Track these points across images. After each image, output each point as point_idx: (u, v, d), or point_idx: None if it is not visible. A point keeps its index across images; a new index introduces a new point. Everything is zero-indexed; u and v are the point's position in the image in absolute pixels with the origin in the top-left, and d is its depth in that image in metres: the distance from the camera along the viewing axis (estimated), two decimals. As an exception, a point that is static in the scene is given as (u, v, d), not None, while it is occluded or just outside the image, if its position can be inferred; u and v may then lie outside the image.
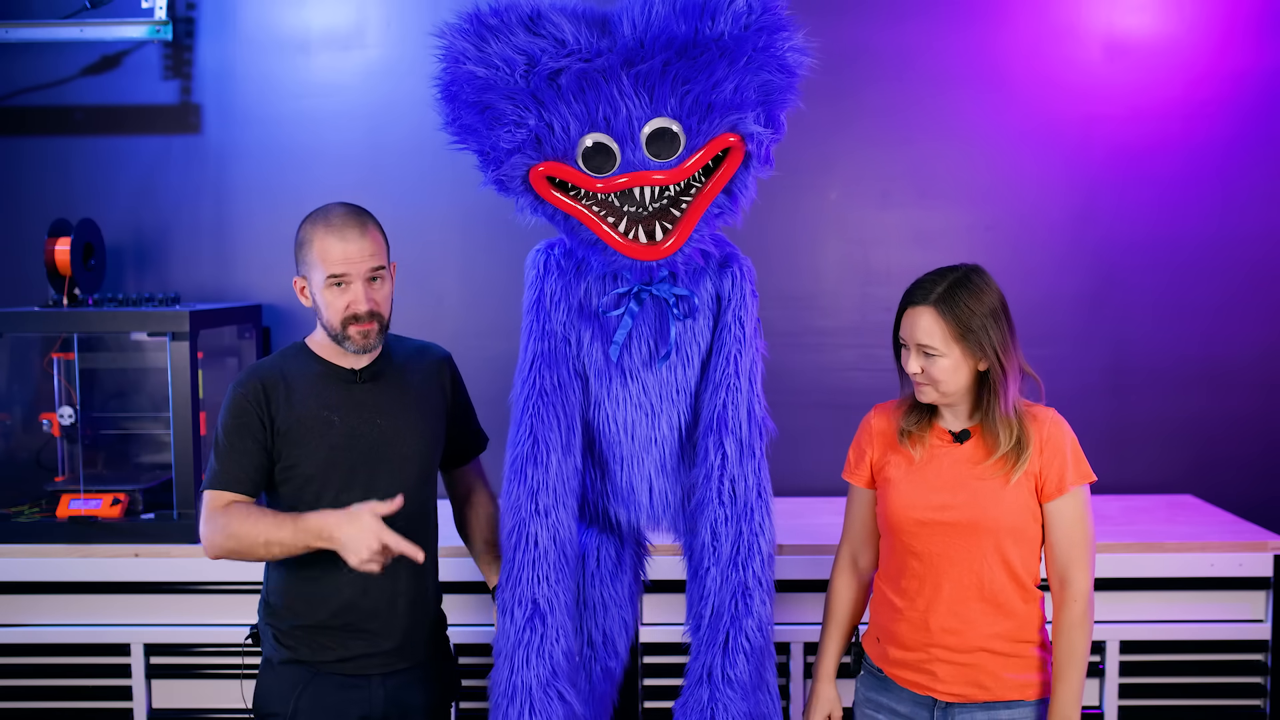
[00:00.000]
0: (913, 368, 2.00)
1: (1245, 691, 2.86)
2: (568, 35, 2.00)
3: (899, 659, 2.06)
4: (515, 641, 2.20)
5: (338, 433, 2.09)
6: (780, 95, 2.09)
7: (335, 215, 2.08)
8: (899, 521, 2.03)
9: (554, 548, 2.19)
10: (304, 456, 2.08)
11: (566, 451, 2.20)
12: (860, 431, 2.19)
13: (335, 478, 2.09)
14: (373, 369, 2.15)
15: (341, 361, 2.13)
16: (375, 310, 2.08)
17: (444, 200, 3.37)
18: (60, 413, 3.06)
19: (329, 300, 2.06)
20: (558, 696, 2.19)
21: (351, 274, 2.05)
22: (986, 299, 1.96)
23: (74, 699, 2.89)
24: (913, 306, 1.99)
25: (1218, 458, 3.41)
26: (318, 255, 2.05)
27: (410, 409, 2.16)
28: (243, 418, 2.07)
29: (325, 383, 2.12)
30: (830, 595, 2.23)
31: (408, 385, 2.18)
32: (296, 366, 2.13)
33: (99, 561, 2.85)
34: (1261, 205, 3.37)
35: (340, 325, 2.06)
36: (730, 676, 2.24)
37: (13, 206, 3.43)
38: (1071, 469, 1.98)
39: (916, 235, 3.38)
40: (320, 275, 2.06)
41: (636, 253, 2.10)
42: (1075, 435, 2.02)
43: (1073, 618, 1.98)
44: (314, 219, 2.09)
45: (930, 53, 3.34)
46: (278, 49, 3.40)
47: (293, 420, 2.08)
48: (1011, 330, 1.98)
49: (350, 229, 2.07)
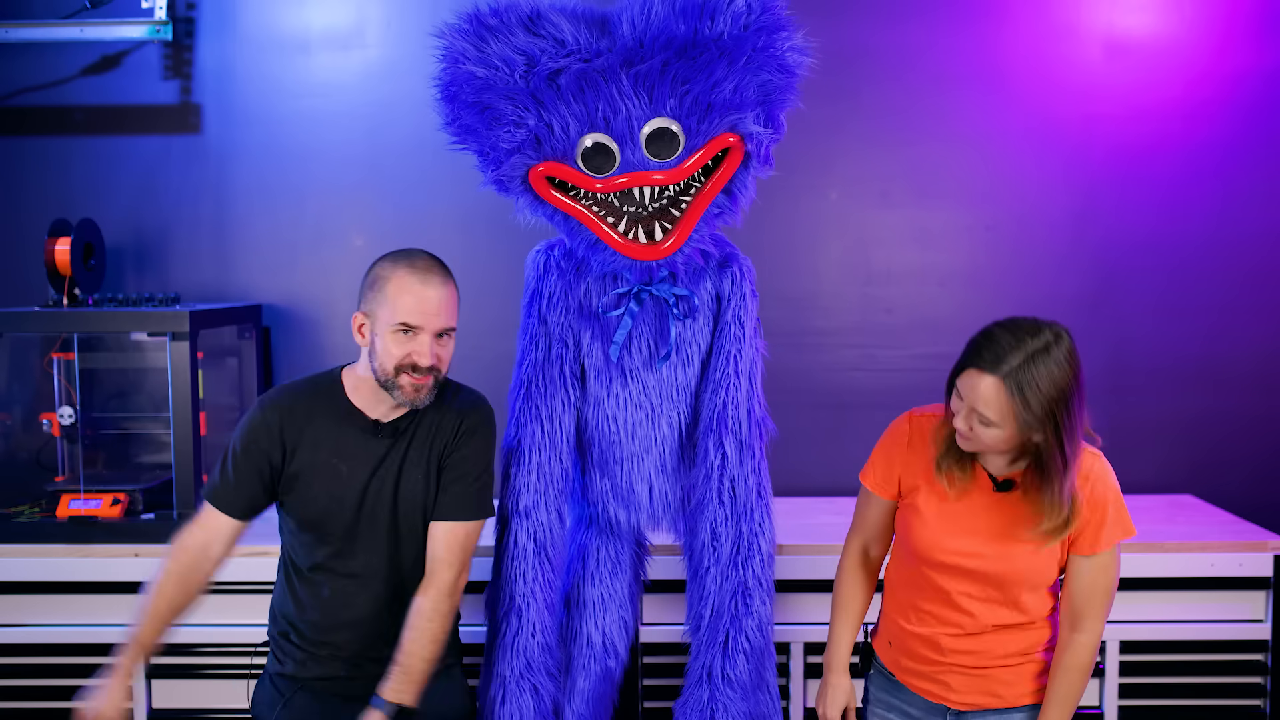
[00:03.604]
0: (960, 425, 1.82)
1: (1245, 691, 2.86)
2: (567, 35, 2.00)
3: (911, 668, 2.03)
4: (491, 634, 2.26)
5: (341, 483, 2.03)
6: (780, 95, 2.09)
7: (420, 260, 2.00)
8: (923, 555, 1.95)
9: (533, 547, 2.22)
10: (307, 502, 2.04)
11: (549, 453, 2.22)
12: (890, 441, 2.03)
13: (335, 529, 2.05)
14: (396, 423, 2.06)
15: (370, 409, 2.05)
16: (436, 366, 1.99)
17: (444, 200, 3.37)
18: (60, 413, 3.05)
19: (389, 345, 1.96)
20: (531, 690, 2.22)
21: (425, 327, 1.96)
22: (1061, 379, 1.75)
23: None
24: (978, 370, 1.77)
25: (1218, 458, 3.41)
26: (392, 295, 1.96)
27: (420, 467, 2.07)
28: (253, 446, 2.03)
29: (345, 428, 2.05)
30: (840, 585, 2.13)
31: (426, 443, 2.08)
32: (322, 403, 2.06)
33: (99, 561, 2.85)
34: (1261, 205, 3.37)
35: (394, 371, 1.97)
36: (730, 676, 2.24)
37: (13, 206, 3.43)
38: (1110, 528, 1.86)
39: (917, 235, 3.38)
40: (390, 315, 1.96)
41: (636, 253, 2.10)
42: (1118, 485, 1.90)
43: (1077, 661, 1.91)
44: (396, 259, 2.00)
45: (930, 53, 3.34)
46: (278, 49, 3.40)
47: (302, 463, 2.03)
48: (1081, 410, 1.79)
49: (434, 276, 1.99)
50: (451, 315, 2.02)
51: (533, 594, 2.21)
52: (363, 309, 2.02)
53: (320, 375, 2.12)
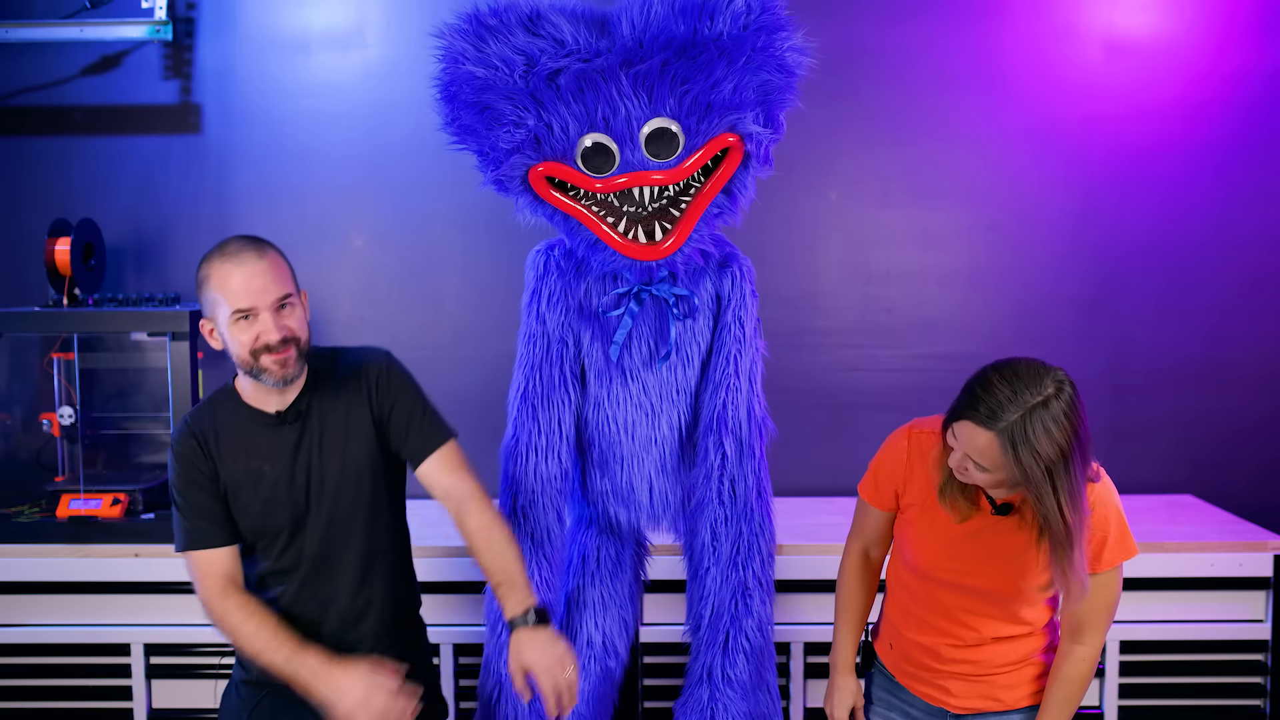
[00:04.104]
0: (955, 464, 1.77)
1: (1245, 691, 2.86)
2: (567, 36, 2.00)
3: (911, 673, 2.03)
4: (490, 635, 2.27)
5: (268, 483, 2.00)
6: (779, 95, 2.09)
7: (231, 245, 1.93)
8: (923, 572, 1.94)
9: (531, 546, 2.22)
10: (243, 511, 2.00)
11: (548, 453, 2.22)
12: (889, 456, 1.98)
13: (274, 526, 2.01)
14: (296, 407, 2.00)
15: (265, 405, 2.01)
16: (290, 336, 1.92)
17: (444, 200, 3.37)
18: (60, 413, 3.05)
19: (235, 336, 1.91)
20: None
21: (257, 305, 1.89)
22: (1060, 437, 1.66)
23: (74, 699, 2.89)
24: (974, 424, 1.69)
25: (1218, 458, 3.41)
26: (217, 289, 1.90)
27: (338, 438, 2.01)
28: (189, 473, 1.99)
29: (251, 431, 2.01)
30: (843, 586, 2.12)
31: (334, 412, 2.02)
32: (224, 417, 2.02)
33: (99, 561, 2.85)
34: (1261, 205, 3.37)
35: (252, 358, 1.91)
36: (730, 676, 2.24)
37: (13, 206, 3.43)
38: (1111, 548, 1.83)
39: (916, 235, 3.38)
40: (225, 311, 1.90)
41: (636, 253, 2.10)
42: (1120, 504, 1.86)
43: (1076, 672, 1.90)
44: (210, 255, 1.93)
45: (930, 53, 3.34)
46: (278, 49, 3.40)
47: (228, 476, 2.00)
48: (1082, 469, 1.70)
49: (247, 254, 1.91)
50: (280, 283, 1.92)
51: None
52: (204, 316, 1.97)
53: (216, 391, 2.09)
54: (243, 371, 1.96)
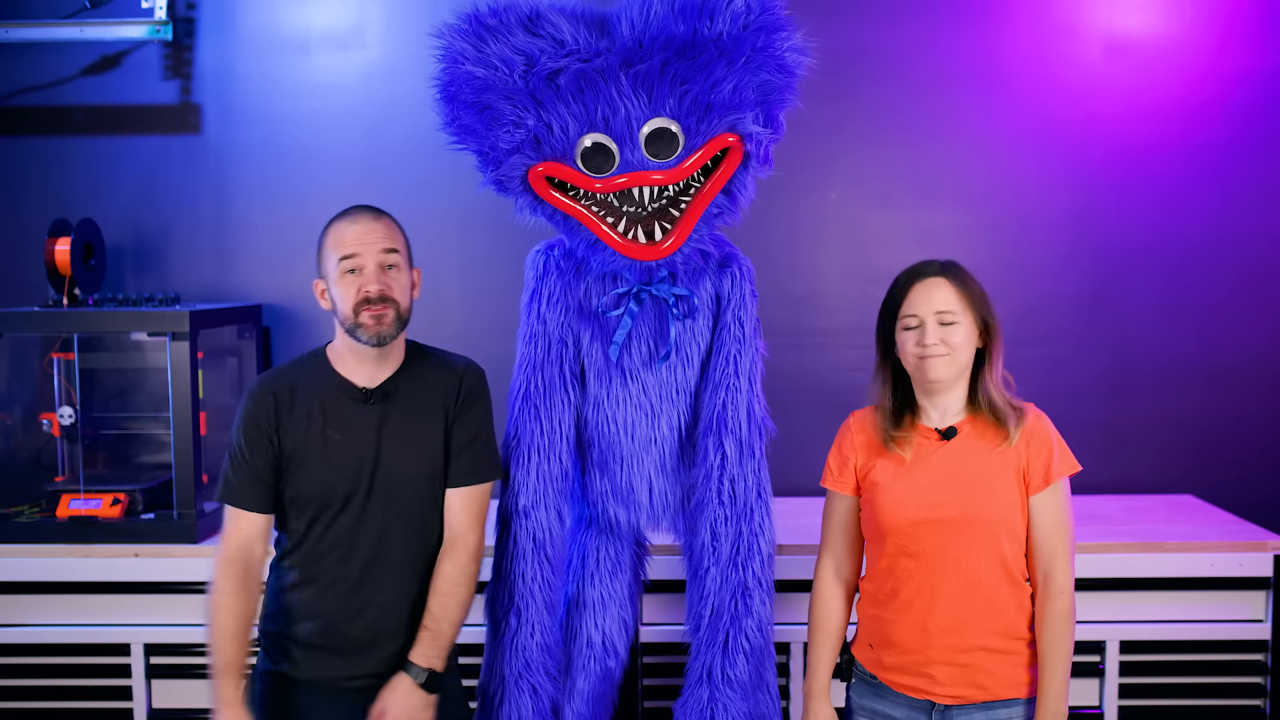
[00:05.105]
0: (931, 339, 1.99)
1: (1245, 691, 2.86)
2: (566, 36, 2.01)
3: (895, 664, 2.04)
4: (491, 633, 2.27)
5: (338, 453, 2.02)
6: (779, 95, 2.10)
7: (351, 208, 2.07)
8: (892, 523, 2.01)
9: (533, 547, 2.22)
10: (305, 476, 2.02)
11: (548, 453, 2.22)
12: (841, 438, 2.15)
13: (334, 500, 2.03)
14: (385, 388, 2.06)
15: (355, 377, 2.05)
16: (387, 294, 2.00)
17: (444, 200, 3.37)
18: (60, 413, 3.06)
19: (342, 290, 2.00)
20: (530, 690, 2.22)
21: (363, 254, 1.99)
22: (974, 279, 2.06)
23: (74, 699, 2.89)
24: (923, 280, 2.03)
25: (1218, 458, 3.40)
26: (331, 245, 2.02)
27: (413, 430, 2.06)
28: (254, 432, 2.03)
29: (333, 396, 2.05)
30: (815, 608, 2.15)
31: (417, 404, 2.07)
32: (308, 376, 2.07)
33: (99, 561, 2.85)
34: (1261, 205, 3.36)
35: (353, 313, 1.99)
36: (730, 676, 2.24)
37: (13, 206, 3.43)
38: (1058, 460, 2.00)
39: (917, 235, 3.38)
40: (334, 263, 2.01)
41: (636, 253, 2.10)
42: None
43: (1059, 611, 1.98)
44: (329, 221, 2.07)
45: (930, 53, 3.34)
46: (278, 49, 3.40)
47: (297, 438, 2.02)
48: None
49: (362, 213, 2.05)
50: (388, 238, 2.03)
51: (531, 594, 2.21)
52: (319, 277, 2.07)
53: (304, 355, 2.14)
54: (343, 329, 2.03)
